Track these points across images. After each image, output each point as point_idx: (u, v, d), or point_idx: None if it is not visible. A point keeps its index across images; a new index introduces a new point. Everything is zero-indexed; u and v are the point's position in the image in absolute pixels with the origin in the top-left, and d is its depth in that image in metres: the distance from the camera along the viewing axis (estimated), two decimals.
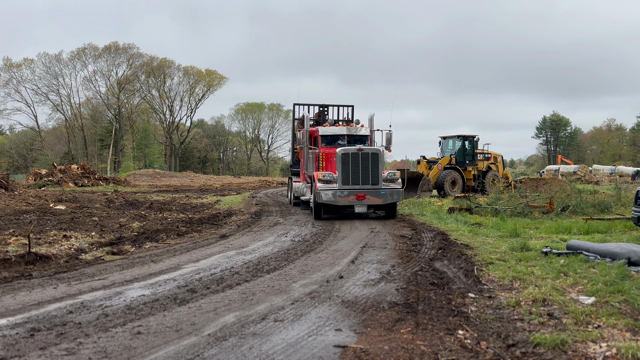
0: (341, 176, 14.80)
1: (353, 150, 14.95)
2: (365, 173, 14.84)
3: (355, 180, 14.81)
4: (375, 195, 14.76)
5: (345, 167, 14.84)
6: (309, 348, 4.14)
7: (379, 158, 15.03)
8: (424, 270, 7.24)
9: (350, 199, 14.69)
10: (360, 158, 14.86)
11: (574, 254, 7.75)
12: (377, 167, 14.91)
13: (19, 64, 71.41)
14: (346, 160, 14.88)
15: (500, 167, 30.01)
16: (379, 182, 14.85)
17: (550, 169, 57.50)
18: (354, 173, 14.83)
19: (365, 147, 15.10)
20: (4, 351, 4.14)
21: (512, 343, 4.18)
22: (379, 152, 15.05)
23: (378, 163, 14.95)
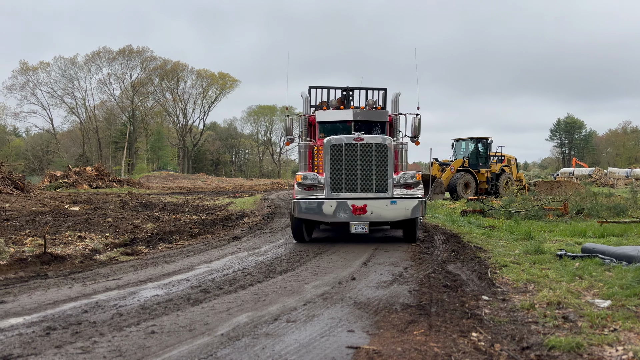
0: (330, 179, 10.21)
1: (348, 140, 10.30)
2: (367, 174, 10.25)
3: (351, 184, 10.25)
4: (382, 208, 10.12)
5: (336, 166, 10.23)
6: (321, 349, 4.14)
7: (388, 152, 10.29)
8: (436, 272, 7.20)
9: (342, 213, 10.11)
10: (359, 152, 10.25)
11: (589, 257, 7.66)
12: (384, 166, 10.26)
13: (35, 67, 72.49)
14: (338, 154, 10.24)
15: (513, 169, 29.81)
16: (388, 187, 10.20)
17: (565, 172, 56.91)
18: (350, 174, 10.25)
19: (366, 136, 10.45)
20: (20, 349, 4.19)
21: (526, 346, 4.15)
22: (387, 144, 10.34)
23: (386, 159, 10.26)
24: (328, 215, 10.17)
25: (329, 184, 10.26)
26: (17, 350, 4.15)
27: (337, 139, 10.37)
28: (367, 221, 10.08)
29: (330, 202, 10.16)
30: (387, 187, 10.21)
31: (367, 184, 10.25)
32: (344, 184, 10.24)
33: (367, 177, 10.26)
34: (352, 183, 10.26)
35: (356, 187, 10.26)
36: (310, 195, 10.32)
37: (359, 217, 10.09)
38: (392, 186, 10.22)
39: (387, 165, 10.26)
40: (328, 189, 10.26)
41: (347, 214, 10.12)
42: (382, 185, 10.23)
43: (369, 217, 10.10)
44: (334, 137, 10.42)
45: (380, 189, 10.21)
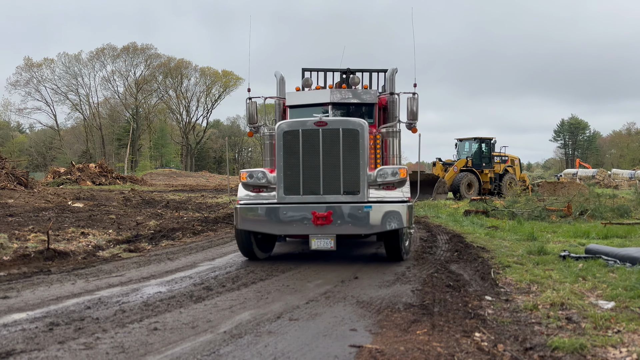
0: (283, 177, 7.82)
1: (306, 124, 7.84)
2: (333, 170, 7.73)
3: (311, 184, 7.77)
4: (353, 217, 7.60)
5: (291, 160, 7.82)
6: (324, 347, 4.14)
7: (360, 139, 7.75)
8: (439, 272, 7.19)
9: (299, 223, 7.68)
10: (321, 140, 7.74)
11: (593, 258, 7.63)
12: (355, 159, 7.73)
13: (40, 64, 72.66)
14: (293, 144, 7.82)
15: (517, 170, 29.77)
16: (361, 188, 7.70)
17: (568, 173, 56.85)
18: (310, 171, 7.76)
19: (331, 119, 7.99)
20: (23, 344, 4.20)
21: (529, 346, 4.13)
22: (358, 129, 7.79)
23: (358, 149, 7.74)
24: (280, 225, 7.71)
25: (281, 184, 7.75)
26: (20, 346, 4.16)
27: (291, 124, 7.88)
28: (332, 234, 7.55)
29: (282, 208, 7.68)
30: (360, 188, 7.64)
31: (333, 184, 7.69)
32: (302, 184, 7.72)
33: (332, 175, 7.69)
34: (313, 182, 7.71)
35: (318, 188, 7.70)
36: (257, 199, 7.97)
37: (321, 229, 7.53)
38: (366, 186, 7.66)
39: (360, 157, 7.65)
40: (280, 190, 7.76)
41: (305, 224, 7.59)
42: (353, 185, 7.66)
43: (335, 229, 7.55)
44: (286, 122, 7.98)
45: (350, 190, 7.67)
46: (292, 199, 7.76)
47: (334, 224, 7.57)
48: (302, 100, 9.77)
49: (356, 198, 7.66)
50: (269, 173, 8.03)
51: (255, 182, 8.04)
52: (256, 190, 8.06)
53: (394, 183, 7.81)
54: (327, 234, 7.59)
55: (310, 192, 7.75)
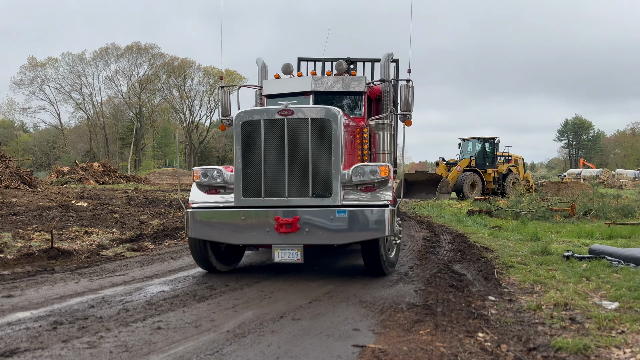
0: (242, 176, 6.69)
1: (269, 114, 6.69)
2: (300, 168, 6.60)
3: (274, 185, 6.64)
4: (323, 224, 6.46)
5: (251, 156, 6.67)
6: (327, 346, 4.14)
7: (333, 132, 6.60)
8: (442, 272, 7.18)
9: (260, 231, 6.55)
10: (286, 133, 6.60)
11: (597, 258, 7.61)
12: (327, 154, 6.59)
13: (44, 63, 72.83)
14: (253, 137, 6.67)
15: (521, 169, 29.71)
16: (334, 189, 6.55)
17: (572, 173, 56.68)
18: (273, 168, 6.63)
19: (299, 107, 6.74)
20: (27, 343, 4.22)
21: (533, 347, 4.12)
22: (330, 118, 6.63)
23: (330, 143, 6.60)
24: (237, 233, 6.58)
25: (239, 185, 6.61)
26: (24, 344, 4.17)
27: (251, 112, 6.77)
28: (299, 244, 6.42)
29: (240, 213, 6.56)
30: (332, 189, 6.49)
31: (300, 185, 6.54)
32: (264, 184, 6.57)
33: (299, 173, 6.54)
34: (276, 183, 6.56)
35: (282, 190, 6.54)
36: (212, 202, 6.91)
37: (286, 237, 6.40)
38: (339, 187, 6.51)
39: (332, 153, 6.50)
40: (238, 192, 6.62)
41: (267, 232, 6.44)
42: (324, 186, 6.51)
43: (302, 238, 6.39)
44: (245, 110, 6.81)
45: (320, 192, 6.52)
46: (252, 202, 6.59)
47: (301, 233, 6.39)
48: (281, 88, 8.81)
49: (327, 201, 6.49)
50: (226, 171, 6.96)
51: (210, 182, 6.97)
52: (212, 192, 7.02)
53: (374, 183, 6.62)
54: (293, 244, 6.43)
55: (274, 194, 6.57)
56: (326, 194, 6.54)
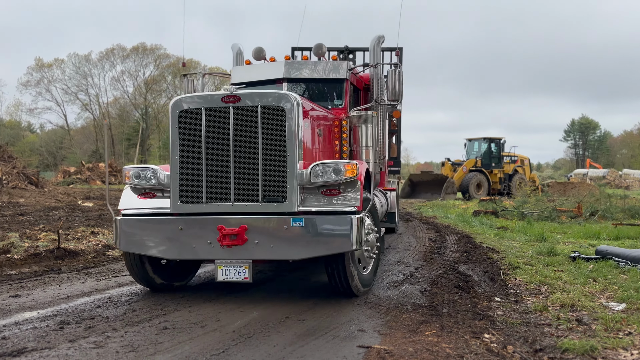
0: (180, 177, 5.62)
1: (211, 101, 5.57)
2: (248, 167, 5.49)
3: (217, 187, 5.54)
4: (276, 235, 5.36)
5: (189, 151, 5.60)
6: (332, 347, 4.14)
7: (288, 122, 5.46)
8: (448, 273, 7.16)
9: (200, 243, 5.47)
10: (232, 124, 5.50)
11: (604, 259, 7.58)
12: (280, 149, 5.47)
13: (50, 64, 73.24)
14: (192, 129, 5.59)
15: (527, 170, 29.63)
16: (289, 192, 5.42)
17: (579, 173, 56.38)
18: (216, 167, 5.55)
19: (246, 93, 5.61)
20: (34, 342, 4.24)
21: (539, 348, 4.11)
22: (283, 105, 5.48)
23: (284, 137, 5.47)
24: (173, 247, 5.48)
25: (176, 187, 5.55)
26: (31, 344, 4.20)
27: (190, 99, 5.61)
28: (246, 260, 5.35)
29: (176, 221, 5.48)
30: (288, 192, 5.37)
31: (249, 187, 5.42)
32: (205, 187, 5.48)
33: (247, 173, 5.42)
34: (220, 185, 5.47)
35: (227, 193, 5.44)
36: (146, 208, 5.82)
37: (230, 252, 5.32)
38: (296, 190, 5.38)
39: (287, 148, 5.39)
40: (175, 195, 5.55)
41: (209, 245, 5.37)
42: (277, 189, 5.39)
43: (250, 252, 5.32)
44: (183, 97, 5.69)
45: (272, 196, 5.39)
46: (191, 209, 5.50)
47: (249, 246, 5.28)
48: (251, 76, 7.75)
49: (281, 207, 5.35)
50: (163, 171, 5.82)
51: (143, 183, 5.82)
52: (147, 196, 5.88)
53: (339, 186, 5.46)
54: (239, 259, 5.33)
55: (217, 198, 5.47)
56: (279, 198, 5.37)
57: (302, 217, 5.29)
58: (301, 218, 5.28)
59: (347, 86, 7.80)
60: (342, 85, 7.78)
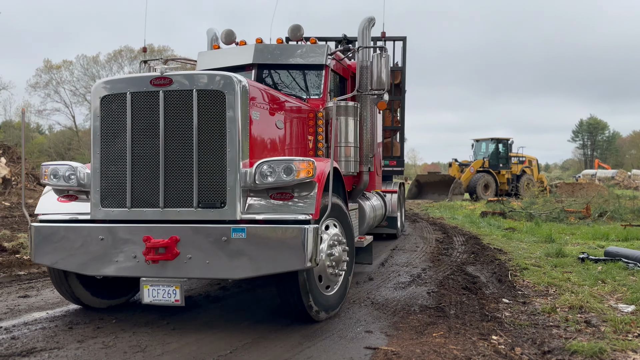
0: (101, 176, 4.71)
1: (139, 84, 4.65)
2: (181, 165, 4.55)
3: (145, 190, 4.61)
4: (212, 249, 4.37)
5: (113, 145, 4.70)
6: (339, 348, 4.14)
7: (229, 109, 4.51)
8: (455, 274, 7.14)
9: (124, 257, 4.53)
10: (162, 111, 4.57)
11: (612, 260, 7.53)
12: (219, 145, 4.52)
13: (59, 66, 73.77)
14: (116, 117, 4.69)
15: (535, 170, 29.49)
16: (229, 196, 4.46)
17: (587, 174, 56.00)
18: (143, 165, 4.62)
19: (179, 74, 4.64)
20: (44, 342, 4.28)
21: (547, 350, 4.09)
22: (227, 90, 4.52)
23: (224, 128, 4.51)
24: (94, 261, 4.60)
25: (97, 189, 4.70)
26: (40, 344, 4.23)
27: (114, 83, 4.79)
28: (178, 278, 4.42)
29: (97, 230, 4.61)
30: (228, 196, 4.47)
31: (181, 189, 4.54)
32: (130, 189, 4.61)
33: (180, 172, 4.55)
34: (148, 186, 4.59)
35: (156, 197, 4.56)
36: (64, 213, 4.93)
37: (158, 269, 4.43)
38: (238, 193, 4.48)
39: (228, 142, 4.50)
40: (96, 199, 4.69)
41: (134, 259, 4.49)
42: (215, 192, 4.51)
43: (182, 269, 4.43)
44: (107, 80, 4.88)
45: (209, 200, 4.51)
46: (114, 215, 4.64)
47: (181, 261, 4.39)
48: (217, 62, 6.85)
49: (220, 214, 4.44)
50: (84, 169, 4.94)
51: (61, 184, 4.97)
52: (69, 198, 5.02)
53: (291, 188, 4.54)
54: (168, 278, 4.40)
55: (144, 203, 4.58)
56: (217, 203, 4.45)
57: (244, 227, 4.31)
58: (243, 228, 4.31)
59: (327, 74, 6.87)
60: (320, 72, 6.86)
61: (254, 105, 4.88)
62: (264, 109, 5.15)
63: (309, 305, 4.63)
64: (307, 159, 4.57)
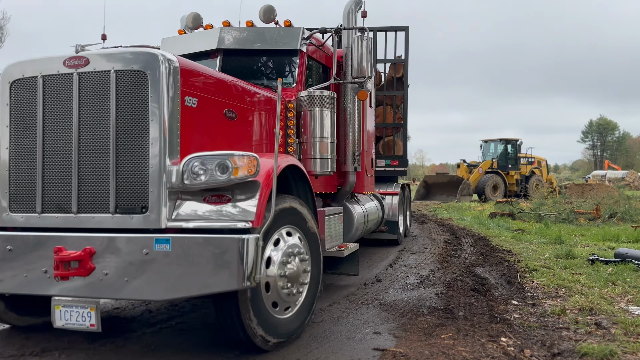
0: (10, 175, 4.02)
1: (50, 66, 3.94)
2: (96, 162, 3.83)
3: (55, 191, 3.91)
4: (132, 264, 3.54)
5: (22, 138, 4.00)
6: (347, 350, 4.14)
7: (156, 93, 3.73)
8: (464, 275, 7.12)
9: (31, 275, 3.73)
10: (76, 97, 3.86)
11: (623, 262, 7.47)
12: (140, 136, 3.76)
13: None
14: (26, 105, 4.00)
15: (544, 171, 29.37)
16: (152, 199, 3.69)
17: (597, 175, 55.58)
18: (54, 161, 3.92)
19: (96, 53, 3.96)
20: (55, 342, 4.31)
21: (557, 352, 4.07)
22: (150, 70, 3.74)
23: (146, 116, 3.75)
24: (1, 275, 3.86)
25: (5, 190, 4.06)
26: (52, 344, 4.27)
27: (24, 65, 4.08)
28: (93, 299, 3.63)
29: (4, 239, 3.87)
30: (150, 199, 3.74)
31: (97, 190, 3.86)
32: (40, 191, 3.96)
33: (94, 171, 3.87)
34: (60, 187, 3.94)
35: (68, 200, 3.91)
36: None
37: (69, 286, 3.66)
38: (164, 196, 3.73)
39: (150, 132, 3.77)
40: (4, 202, 4.06)
41: (44, 274, 3.74)
42: (136, 193, 3.79)
43: (97, 288, 3.63)
44: (18, 62, 4.12)
45: (129, 205, 3.80)
46: (22, 221, 3.98)
47: (96, 278, 3.61)
48: (180, 48, 6.14)
49: (141, 222, 3.71)
50: None
51: None
52: None
53: (230, 190, 3.80)
54: (81, 298, 3.63)
55: (56, 207, 3.92)
56: (138, 208, 3.73)
57: (169, 238, 3.52)
58: (168, 239, 3.52)
59: (302, 60, 6.09)
60: (294, 59, 6.08)
61: (191, 90, 4.05)
62: (207, 95, 4.28)
63: (253, 332, 3.84)
64: (249, 154, 3.76)
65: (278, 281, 4.06)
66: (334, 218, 5.83)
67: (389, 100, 11.19)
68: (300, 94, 5.73)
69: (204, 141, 4.19)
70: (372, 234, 9.61)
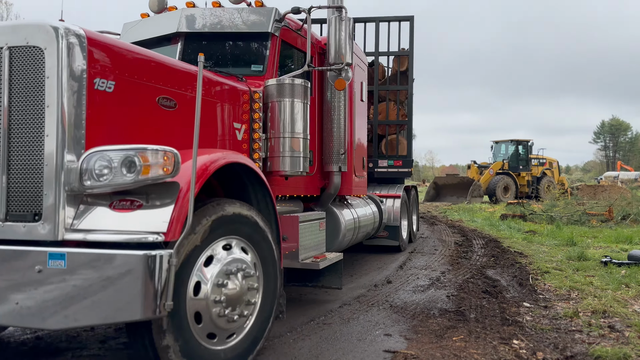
0: None
1: None
2: None
3: None
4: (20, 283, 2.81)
5: None
6: (358, 352, 4.13)
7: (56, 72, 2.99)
8: (475, 277, 7.08)
9: None
10: None
11: (636, 264, 7.39)
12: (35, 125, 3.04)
13: None
14: None
15: (555, 173, 29.15)
16: (46, 202, 2.97)
17: (609, 176, 55.08)
18: None
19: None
20: (67, 343, 4.35)
21: (570, 355, 4.03)
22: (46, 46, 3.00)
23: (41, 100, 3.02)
24: None
25: None
26: (63, 344, 4.30)
27: None
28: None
29: None
30: (44, 204, 2.99)
31: None
32: None
33: None
34: None
35: None
36: None
37: None
38: (62, 200, 2.98)
39: (46, 122, 3.03)
40: None
41: None
42: (29, 197, 3.06)
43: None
44: None
45: (20, 211, 3.07)
46: None
47: None
48: (142, 33, 5.64)
49: (32, 232, 3.02)
50: None
51: None
52: None
53: (144, 193, 3.10)
54: None
55: None
56: (30, 215, 3.07)
57: (64, 253, 2.84)
58: (63, 254, 2.84)
59: (274, 45, 5.36)
60: (264, 43, 5.36)
61: (104, 71, 3.30)
62: (131, 78, 3.52)
63: None
64: (166, 149, 3.02)
65: (212, 308, 3.27)
66: (312, 224, 5.31)
67: (392, 96, 10.44)
68: (267, 82, 4.95)
69: (126, 134, 3.44)
70: (371, 240, 9.14)
